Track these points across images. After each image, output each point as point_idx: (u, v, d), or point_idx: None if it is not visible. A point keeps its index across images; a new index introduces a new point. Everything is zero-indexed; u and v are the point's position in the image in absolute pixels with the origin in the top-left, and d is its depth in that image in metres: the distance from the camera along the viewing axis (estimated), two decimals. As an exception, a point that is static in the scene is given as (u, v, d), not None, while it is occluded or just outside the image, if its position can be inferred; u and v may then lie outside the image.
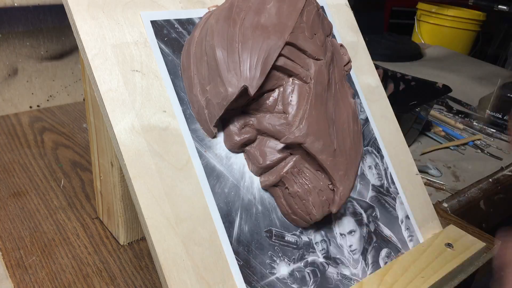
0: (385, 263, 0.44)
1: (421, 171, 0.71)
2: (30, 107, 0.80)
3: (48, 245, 0.47)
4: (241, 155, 0.39)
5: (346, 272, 0.41)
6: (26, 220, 0.51)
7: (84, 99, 0.46)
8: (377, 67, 0.85)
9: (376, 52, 1.26)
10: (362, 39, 0.53)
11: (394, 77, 0.84)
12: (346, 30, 0.51)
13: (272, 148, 0.39)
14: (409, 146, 0.76)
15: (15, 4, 0.72)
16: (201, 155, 0.36)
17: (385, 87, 0.84)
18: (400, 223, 0.47)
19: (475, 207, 0.66)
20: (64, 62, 0.82)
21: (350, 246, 0.43)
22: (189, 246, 0.33)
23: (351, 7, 0.53)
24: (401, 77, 0.83)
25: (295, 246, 0.39)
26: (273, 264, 0.37)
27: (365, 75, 0.51)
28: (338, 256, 0.42)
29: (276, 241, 0.38)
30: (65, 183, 0.59)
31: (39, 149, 0.67)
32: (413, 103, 0.75)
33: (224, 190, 0.37)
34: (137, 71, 0.35)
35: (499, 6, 1.02)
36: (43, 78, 0.80)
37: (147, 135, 0.34)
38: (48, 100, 0.82)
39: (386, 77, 0.85)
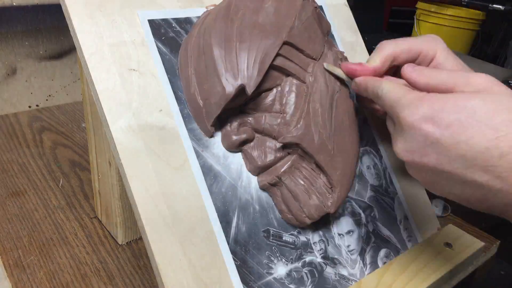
0: (384, 263, 0.44)
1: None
2: (29, 106, 0.80)
3: (47, 245, 0.47)
4: (239, 155, 0.39)
5: (344, 272, 0.41)
6: (25, 220, 0.51)
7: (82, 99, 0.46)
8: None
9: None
10: (361, 38, 0.52)
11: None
12: (345, 29, 0.51)
13: (270, 148, 0.39)
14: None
15: (14, 4, 0.72)
16: (198, 155, 0.36)
17: None
18: (398, 223, 0.47)
19: (474, 207, 0.66)
20: (63, 61, 0.82)
21: (348, 246, 0.43)
22: (186, 246, 0.33)
23: (350, 6, 0.53)
24: None
25: (293, 246, 0.39)
26: (270, 264, 0.37)
27: (363, 74, 0.51)
28: (336, 256, 0.41)
29: (273, 241, 0.38)
30: (64, 183, 0.59)
31: (38, 149, 0.67)
32: None
33: (221, 190, 0.37)
34: (134, 70, 0.35)
35: (494, 5, 1.01)
36: (42, 77, 0.80)
37: (144, 134, 0.34)
38: (47, 100, 0.82)
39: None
